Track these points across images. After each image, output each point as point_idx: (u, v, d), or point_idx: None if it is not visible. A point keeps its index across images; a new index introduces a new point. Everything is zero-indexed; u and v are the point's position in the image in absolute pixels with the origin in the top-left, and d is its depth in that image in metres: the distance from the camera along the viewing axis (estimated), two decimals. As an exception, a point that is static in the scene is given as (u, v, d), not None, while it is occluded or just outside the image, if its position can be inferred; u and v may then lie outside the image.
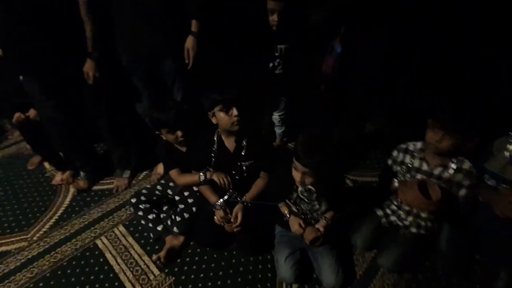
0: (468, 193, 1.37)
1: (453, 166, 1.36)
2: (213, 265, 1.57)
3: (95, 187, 2.07)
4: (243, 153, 1.55)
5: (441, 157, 1.38)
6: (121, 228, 1.78)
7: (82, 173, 2.04)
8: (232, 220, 1.51)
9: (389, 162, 1.57)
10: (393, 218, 1.57)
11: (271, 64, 1.84)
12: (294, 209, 1.49)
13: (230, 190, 1.60)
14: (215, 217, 1.55)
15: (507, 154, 1.32)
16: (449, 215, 1.43)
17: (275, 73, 1.86)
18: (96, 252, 1.63)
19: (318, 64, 2.00)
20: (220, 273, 1.53)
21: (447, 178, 1.39)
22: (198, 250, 1.64)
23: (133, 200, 1.71)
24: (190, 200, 1.72)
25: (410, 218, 1.52)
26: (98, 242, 1.69)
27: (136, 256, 1.61)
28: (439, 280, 1.48)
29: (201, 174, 1.56)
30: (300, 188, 1.41)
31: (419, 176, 1.44)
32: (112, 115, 1.84)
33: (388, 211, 1.59)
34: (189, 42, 1.65)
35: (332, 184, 1.40)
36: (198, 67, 1.71)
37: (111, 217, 1.85)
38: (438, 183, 1.37)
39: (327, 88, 2.11)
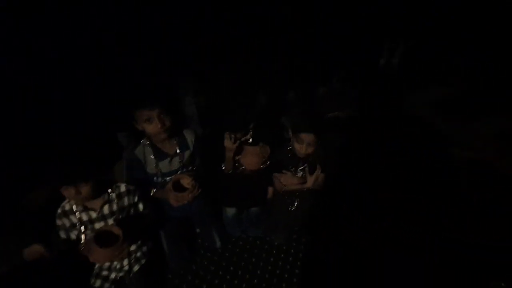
0: (143, 203, 1.46)
1: (113, 196, 1.36)
2: None
3: None
4: None
5: (95, 199, 1.33)
6: None
7: None
8: None
9: (61, 234, 1.33)
10: (113, 275, 1.41)
11: None
12: None
13: None
14: None
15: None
16: (141, 232, 1.48)
17: None
18: None
19: None
20: None
21: (120, 207, 1.38)
22: None
23: None
24: None
25: (126, 262, 1.43)
26: None
27: None
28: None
29: None
30: None
31: (97, 226, 1.33)
32: None
33: (105, 272, 1.41)
34: None
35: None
36: None
37: None
38: (112, 220, 1.35)
39: None
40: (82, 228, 1.32)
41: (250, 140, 1.62)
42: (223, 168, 1.65)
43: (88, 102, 1.94)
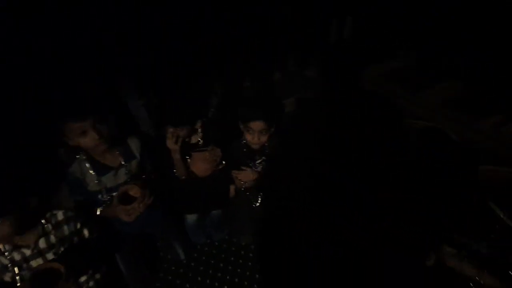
0: (89, 228, 1.31)
1: (49, 227, 1.19)
2: None
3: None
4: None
5: (25, 234, 1.15)
6: None
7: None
8: None
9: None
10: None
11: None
12: None
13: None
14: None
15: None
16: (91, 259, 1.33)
17: None
18: None
19: None
20: None
21: (59, 238, 1.21)
22: None
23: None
24: None
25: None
26: None
27: None
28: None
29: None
30: None
31: (35, 264, 1.16)
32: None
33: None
34: None
35: None
36: None
37: None
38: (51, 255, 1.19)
39: None
40: (16, 270, 1.14)
41: (201, 141, 1.51)
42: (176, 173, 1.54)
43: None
